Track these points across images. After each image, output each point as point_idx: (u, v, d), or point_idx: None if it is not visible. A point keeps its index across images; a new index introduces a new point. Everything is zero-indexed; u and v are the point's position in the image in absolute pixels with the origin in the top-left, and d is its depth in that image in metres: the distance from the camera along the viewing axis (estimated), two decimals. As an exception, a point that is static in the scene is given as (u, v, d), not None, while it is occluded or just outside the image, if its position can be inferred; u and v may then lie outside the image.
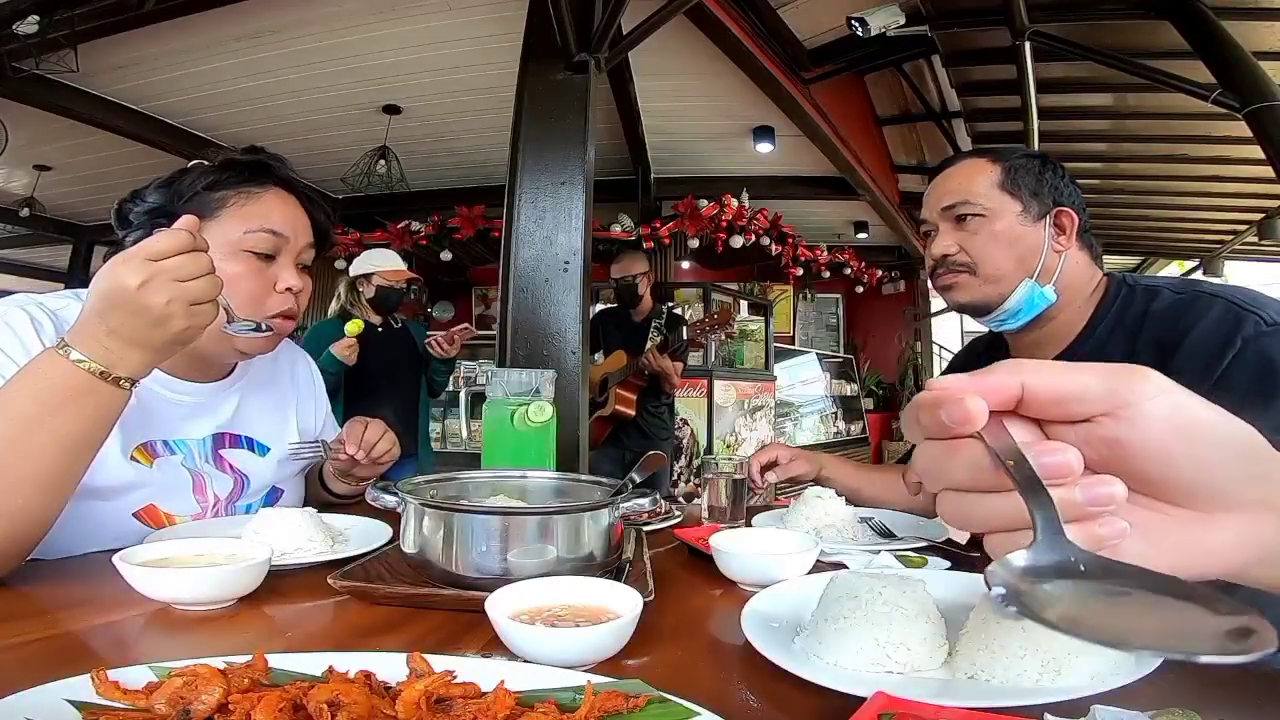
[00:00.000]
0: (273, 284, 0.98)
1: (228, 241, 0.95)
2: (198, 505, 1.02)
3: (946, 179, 1.13)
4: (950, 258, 1.10)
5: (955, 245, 1.10)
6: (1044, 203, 1.07)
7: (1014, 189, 1.07)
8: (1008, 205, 1.07)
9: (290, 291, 0.98)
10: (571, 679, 0.49)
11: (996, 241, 1.07)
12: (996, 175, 1.08)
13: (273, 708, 0.42)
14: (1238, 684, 0.59)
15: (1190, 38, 3.41)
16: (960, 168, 1.13)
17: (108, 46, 3.70)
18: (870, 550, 0.97)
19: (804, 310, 8.37)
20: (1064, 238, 1.08)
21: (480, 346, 5.20)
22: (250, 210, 0.97)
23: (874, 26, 3.66)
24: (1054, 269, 1.07)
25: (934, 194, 1.14)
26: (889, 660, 0.56)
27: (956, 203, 1.09)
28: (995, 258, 1.07)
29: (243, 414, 1.11)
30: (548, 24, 2.72)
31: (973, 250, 1.08)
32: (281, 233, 0.98)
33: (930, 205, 1.14)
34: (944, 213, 1.11)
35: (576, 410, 2.69)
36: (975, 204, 1.08)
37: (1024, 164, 1.09)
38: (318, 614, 0.71)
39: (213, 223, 0.95)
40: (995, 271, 1.07)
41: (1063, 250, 1.07)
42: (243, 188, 0.98)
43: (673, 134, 5.39)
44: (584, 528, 0.75)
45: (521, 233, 2.74)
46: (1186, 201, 6.10)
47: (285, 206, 1.00)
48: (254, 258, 0.96)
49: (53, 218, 6.43)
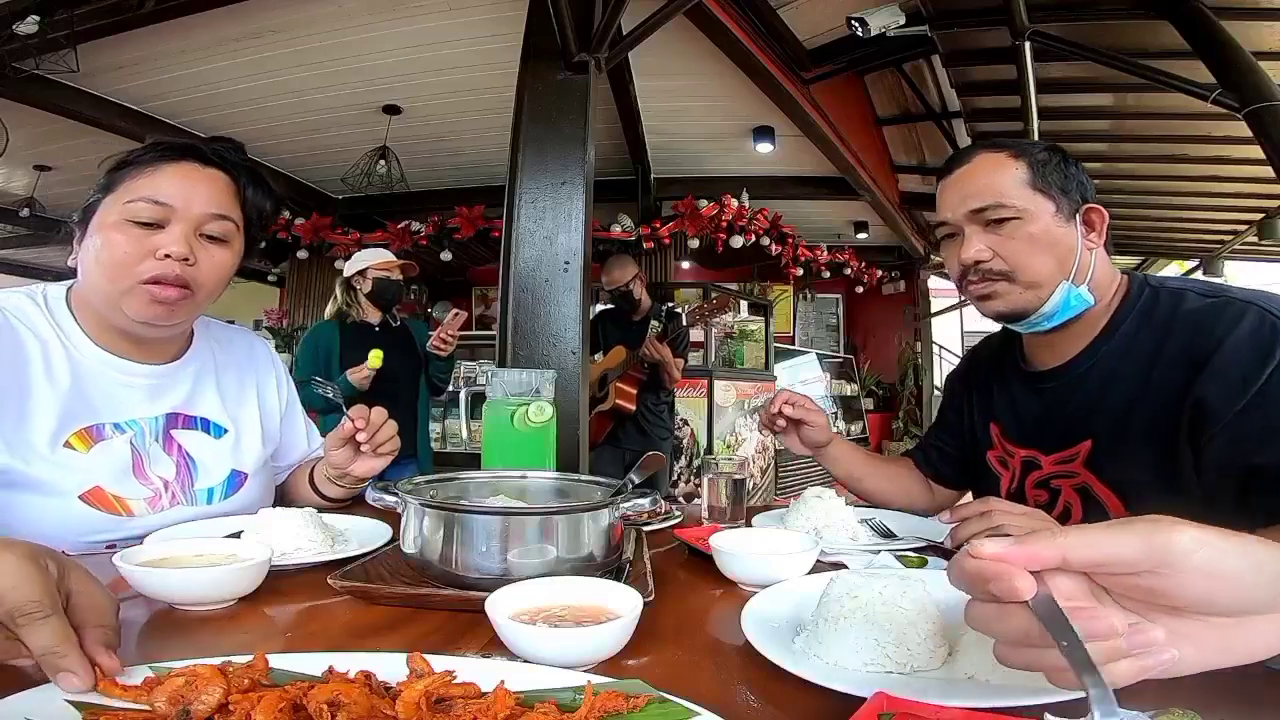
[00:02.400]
0: (154, 250, 0.97)
1: (113, 210, 0.97)
2: (144, 487, 1.02)
3: (968, 178, 1.04)
4: (984, 264, 1.02)
5: (989, 250, 1.02)
6: (1073, 200, 1.02)
7: (1045, 187, 1.00)
8: (1042, 206, 1.00)
9: (171, 258, 0.97)
10: (571, 679, 0.49)
11: (1035, 245, 1.00)
12: (1024, 173, 1.01)
13: (272, 708, 0.42)
14: (1238, 684, 0.59)
15: (1190, 38, 3.41)
16: (980, 165, 1.04)
17: (108, 46, 3.70)
18: (870, 550, 0.97)
19: (804, 310, 8.38)
20: (1094, 235, 1.02)
21: (480, 346, 5.20)
22: (140, 183, 0.98)
23: (874, 26, 3.66)
24: (1087, 268, 1.01)
25: (954, 194, 1.05)
26: (889, 660, 0.56)
27: (988, 205, 1.01)
28: (1035, 263, 1.00)
29: (196, 395, 1.12)
30: (548, 24, 2.72)
31: (1010, 256, 1.01)
32: (165, 202, 0.97)
33: (951, 206, 1.06)
34: (972, 215, 1.03)
35: (576, 410, 2.69)
36: (1009, 205, 1.00)
37: (1047, 159, 1.02)
38: (318, 614, 0.71)
39: (110, 197, 0.98)
40: (1035, 277, 1.01)
41: (1094, 248, 1.02)
42: (146, 164, 0.99)
43: (673, 134, 5.39)
44: (584, 528, 0.75)
45: (521, 233, 2.74)
46: (1186, 201, 6.10)
47: (185, 179, 1.00)
48: (135, 226, 0.97)
49: (53, 218, 6.42)
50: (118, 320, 1.00)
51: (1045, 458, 1.08)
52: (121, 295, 0.96)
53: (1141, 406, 0.96)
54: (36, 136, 4.73)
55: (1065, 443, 1.05)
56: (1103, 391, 1.01)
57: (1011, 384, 1.17)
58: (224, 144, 1.06)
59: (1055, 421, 1.07)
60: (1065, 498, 1.05)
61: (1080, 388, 1.04)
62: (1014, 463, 1.14)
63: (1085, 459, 1.02)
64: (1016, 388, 1.15)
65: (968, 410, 1.26)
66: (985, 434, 1.20)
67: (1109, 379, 1.01)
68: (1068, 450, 1.05)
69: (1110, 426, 0.99)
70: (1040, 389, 1.11)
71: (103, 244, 0.96)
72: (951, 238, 1.08)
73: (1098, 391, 1.02)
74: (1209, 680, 0.59)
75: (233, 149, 1.07)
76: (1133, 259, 8.26)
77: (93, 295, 1.00)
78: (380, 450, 1.13)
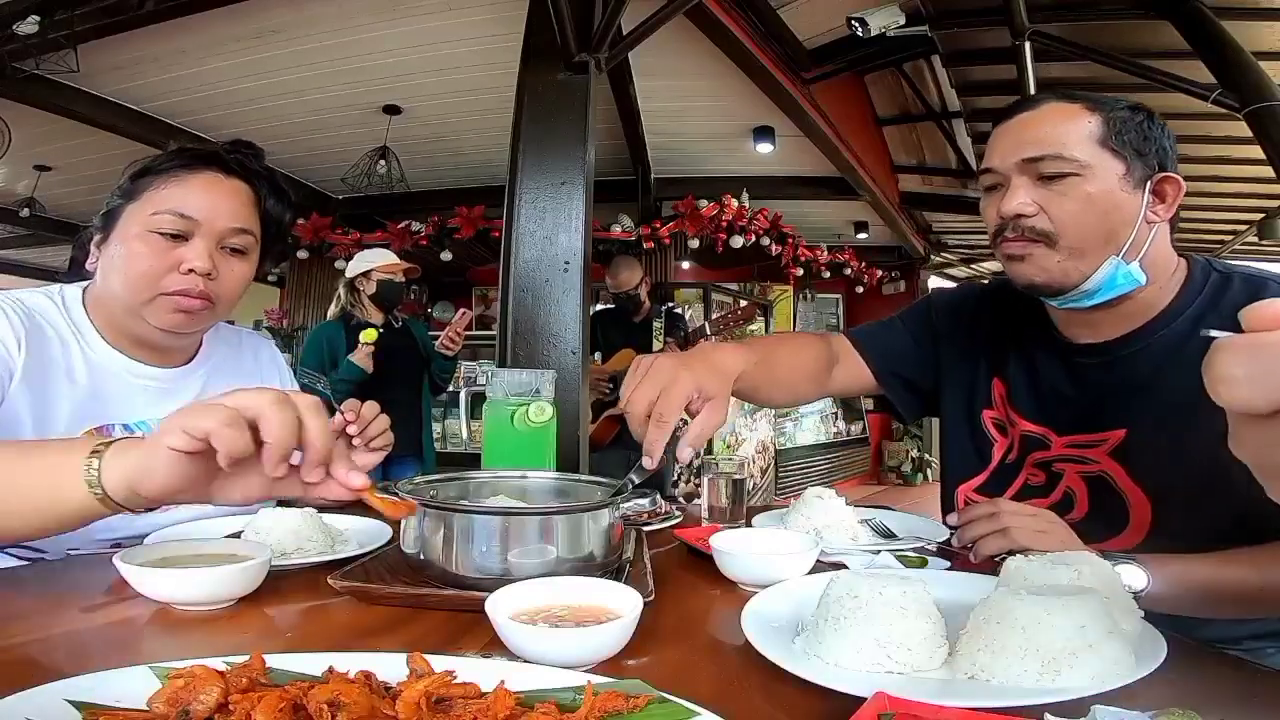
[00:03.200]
0: (178, 264, 0.99)
1: (138, 222, 0.99)
2: None
3: (1028, 125, 0.92)
4: (1025, 219, 0.90)
5: (1034, 205, 0.90)
6: (1149, 165, 0.90)
7: (1118, 145, 0.88)
8: (1109, 165, 0.88)
9: (194, 273, 0.99)
10: (571, 679, 0.49)
11: (1091, 208, 0.88)
12: (1095, 126, 0.89)
13: (272, 708, 0.42)
14: (1238, 684, 0.59)
15: (1190, 38, 3.42)
16: (1045, 112, 0.92)
17: (108, 46, 3.70)
18: (870, 550, 0.97)
19: (804, 310, 8.37)
20: (1162, 207, 0.91)
21: (480, 346, 5.20)
22: (165, 194, 0.99)
23: (874, 26, 3.66)
24: (1143, 244, 0.90)
25: (1007, 139, 0.93)
26: (889, 660, 0.56)
27: (1044, 155, 0.89)
28: (1084, 227, 0.88)
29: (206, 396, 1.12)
30: (548, 24, 2.72)
31: (1058, 215, 0.89)
32: (191, 215, 0.99)
33: (1002, 153, 0.93)
34: (1024, 165, 0.90)
35: (576, 410, 2.69)
36: (1070, 159, 0.88)
37: (1129, 116, 0.90)
38: (318, 614, 0.71)
39: (134, 205, 1.00)
40: (1080, 244, 0.89)
41: (1156, 222, 0.91)
42: (170, 173, 1.01)
43: (673, 134, 5.39)
44: (584, 528, 0.75)
45: (521, 233, 2.74)
46: (1186, 201, 6.06)
47: (212, 190, 1.02)
48: (160, 238, 0.98)
49: (53, 218, 6.42)
50: (138, 328, 1.02)
51: (1058, 438, 0.99)
52: (144, 305, 0.99)
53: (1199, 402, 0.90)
54: (36, 136, 4.73)
55: (1091, 427, 0.96)
56: (1152, 379, 0.92)
57: (1034, 347, 1.04)
58: (245, 150, 1.08)
59: (1085, 402, 0.97)
60: (1067, 484, 0.98)
61: (1124, 370, 0.94)
62: (1014, 433, 1.05)
63: (1114, 449, 0.94)
64: (1041, 354, 1.03)
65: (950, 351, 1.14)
66: (983, 390, 1.09)
67: (1162, 366, 0.91)
68: (1092, 435, 0.96)
69: (1155, 418, 0.90)
70: (1074, 363, 0.99)
71: (127, 254, 0.98)
72: (994, 189, 0.95)
73: (1146, 378, 0.92)
74: (1210, 680, 0.59)
75: (253, 155, 1.08)
76: (1132, 259, 8.25)
77: (113, 302, 1.02)
78: (373, 445, 1.12)
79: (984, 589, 0.61)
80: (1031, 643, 0.52)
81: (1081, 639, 0.52)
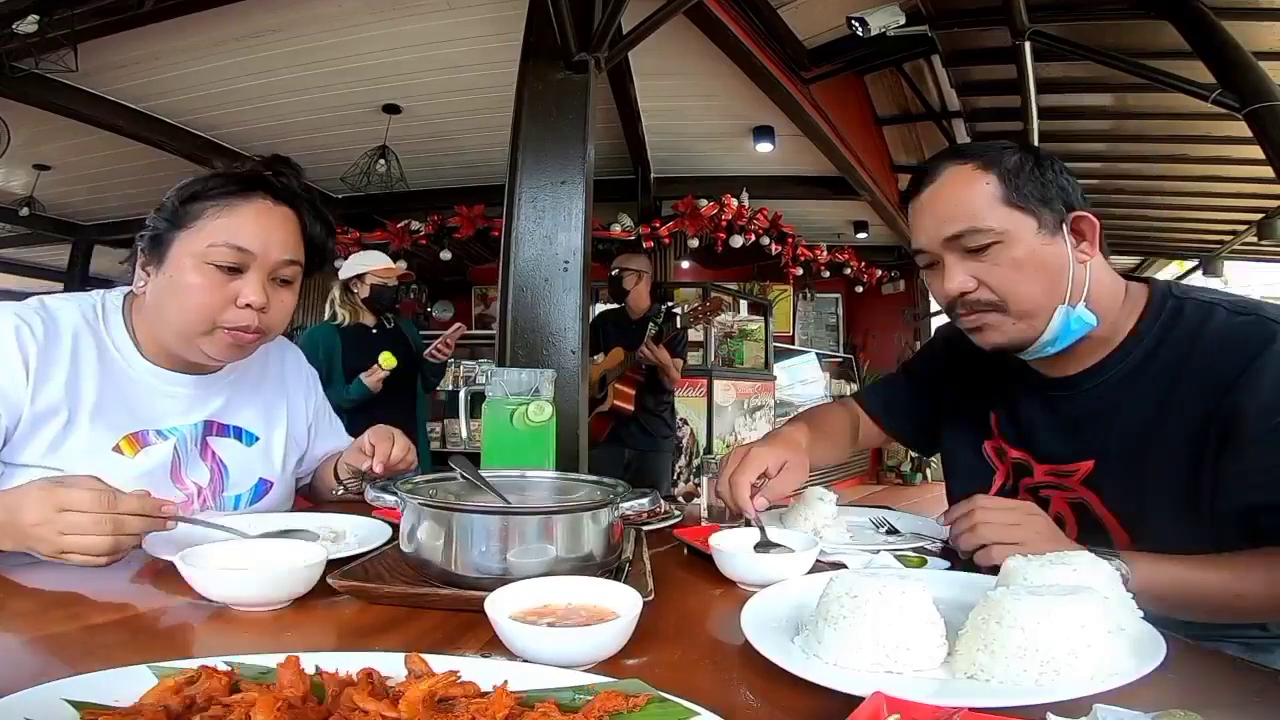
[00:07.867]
0: (234, 298, 0.99)
1: (192, 254, 0.98)
2: (179, 492, 1.05)
3: (937, 199, 0.96)
4: (970, 295, 0.94)
5: (972, 280, 0.93)
6: (1056, 210, 0.92)
7: (1022, 202, 0.91)
8: (1022, 224, 0.91)
9: (250, 307, 0.99)
10: (571, 679, 0.49)
11: (1021, 271, 0.91)
12: (995, 188, 0.91)
13: (272, 708, 0.42)
14: (1238, 684, 0.59)
15: (1190, 38, 3.41)
16: (946, 181, 0.95)
17: (108, 46, 3.70)
18: (870, 550, 0.97)
19: (804, 310, 8.38)
20: (1086, 244, 0.93)
21: (480, 346, 5.20)
22: (221, 224, 0.99)
23: (874, 26, 3.66)
24: (1083, 284, 0.92)
25: (925, 218, 0.97)
26: (889, 660, 0.56)
27: (963, 230, 0.92)
28: (1024, 290, 0.91)
29: (233, 404, 1.16)
30: (547, 24, 2.72)
31: (998, 285, 0.92)
32: (247, 248, 0.99)
33: (926, 232, 0.97)
34: (948, 243, 0.94)
35: (576, 410, 2.69)
36: (985, 229, 0.91)
37: (1019, 166, 0.92)
38: (318, 614, 0.71)
39: (186, 233, 0.99)
40: (1028, 306, 0.92)
41: (1087, 259, 0.93)
42: (222, 200, 1.00)
43: (672, 134, 5.39)
44: (584, 527, 0.75)
45: (521, 232, 2.74)
46: (1186, 201, 6.10)
47: (263, 220, 1.01)
48: (216, 270, 0.98)
49: (52, 217, 6.43)
50: (190, 355, 1.04)
51: (1038, 465, 1.03)
52: (200, 336, 1.00)
53: (1158, 430, 0.90)
54: (36, 136, 4.72)
55: (1062, 456, 0.99)
56: (1114, 410, 0.94)
57: (1016, 380, 1.07)
58: (286, 170, 1.08)
59: (1055, 432, 1.01)
60: (1056, 509, 1.00)
61: (1088, 402, 0.97)
62: (1007, 460, 1.08)
63: (1084, 478, 0.97)
64: (1021, 386, 1.06)
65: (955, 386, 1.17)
66: (981, 420, 1.12)
67: (1122, 397, 0.94)
68: (1064, 465, 0.99)
69: (1120, 449, 0.93)
70: (1047, 396, 1.03)
71: (182, 286, 0.98)
72: (932, 267, 0.99)
73: (1108, 409, 0.95)
74: (1210, 680, 0.59)
75: (295, 175, 1.08)
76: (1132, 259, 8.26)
77: (165, 329, 1.03)
78: (395, 469, 1.17)
79: (984, 589, 0.61)
80: (1031, 642, 0.52)
81: (1081, 639, 0.52)
